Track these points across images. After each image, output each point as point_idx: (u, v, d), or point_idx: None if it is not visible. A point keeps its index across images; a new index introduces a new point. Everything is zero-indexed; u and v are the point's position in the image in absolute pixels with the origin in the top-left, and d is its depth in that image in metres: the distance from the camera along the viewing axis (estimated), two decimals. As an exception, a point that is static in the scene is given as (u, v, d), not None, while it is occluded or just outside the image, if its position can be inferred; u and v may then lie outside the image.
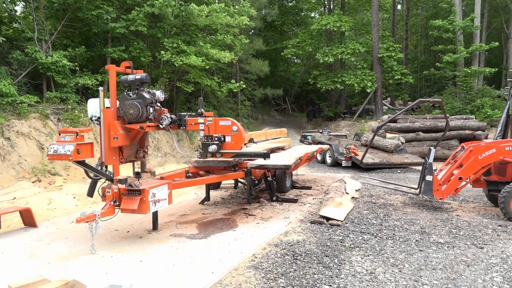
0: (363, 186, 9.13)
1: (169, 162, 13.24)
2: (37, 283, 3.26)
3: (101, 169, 5.48)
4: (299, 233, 5.50)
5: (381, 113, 22.67)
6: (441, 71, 23.47)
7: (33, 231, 5.91)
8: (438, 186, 6.57)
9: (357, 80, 23.16)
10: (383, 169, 11.97)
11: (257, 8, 21.74)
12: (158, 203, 5.28)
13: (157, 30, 13.95)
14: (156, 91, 5.73)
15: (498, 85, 25.04)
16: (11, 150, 9.36)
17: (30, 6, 12.13)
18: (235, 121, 5.91)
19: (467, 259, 4.51)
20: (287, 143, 9.80)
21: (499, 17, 27.51)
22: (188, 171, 7.00)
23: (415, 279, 3.96)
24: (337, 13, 24.75)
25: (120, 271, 4.27)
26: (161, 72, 15.08)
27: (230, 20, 15.08)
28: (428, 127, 15.06)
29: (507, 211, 6.10)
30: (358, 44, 23.69)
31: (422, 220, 6.16)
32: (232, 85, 17.24)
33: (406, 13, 31.15)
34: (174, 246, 5.05)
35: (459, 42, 22.24)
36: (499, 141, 7.01)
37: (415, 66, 36.08)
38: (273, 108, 32.37)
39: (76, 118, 11.14)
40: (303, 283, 3.88)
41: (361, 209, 6.86)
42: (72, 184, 9.40)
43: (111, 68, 5.57)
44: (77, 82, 12.05)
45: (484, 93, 20.50)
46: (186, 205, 7.53)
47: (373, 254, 4.67)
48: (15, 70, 11.34)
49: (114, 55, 12.89)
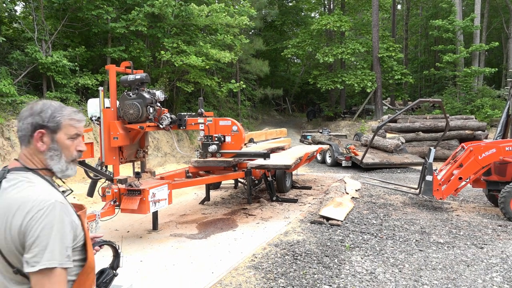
0: (363, 186, 9.12)
1: (169, 162, 13.23)
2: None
3: (101, 169, 5.48)
4: (299, 233, 5.50)
5: (381, 113, 22.67)
6: (441, 71, 23.47)
7: (33, 231, 5.90)
8: (438, 186, 6.57)
9: (357, 80, 23.16)
10: (383, 169, 11.97)
11: (257, 8, 21.74)
12: (158, 203, 5.28)
13: (157, 30, 13.94)
14: (156, 91, 5.73)
15: (498, 85, 25.04)
16: (11, 150, 9.36)
17: (30, 6, 12.13)
18: (235, 121, 5.91)
19: (467, 259, 4.51)
20: (287, 143, 9.80)
21: (499, 17, 27.50)
22: (188, 171, 7.00)
23: (415, 279, 3.96)
24: (337, 13, 24.75)
25: (120, 271, 4.27)
26: (161, 72, 15.08)
27: (230, 20, 15.07)
28: (428, 127, 15.06)
29: (507, 211, 6.10)
30: (358, 44, 23.68)
31: (422, 220, 6.16)
32: (232, 85, 17.24)
33: (406, 13, 31.15)
34: (174, 246, 5.05)
35: (459, 42, 22.24)
36: (499, 141, 7.01)
37: (415, 66, 36.08)
38: (273, 108, 32.36)
39: (76, 118, 11.13)
40: (303, 283, 3.88)
41: (361, 209, 6.86)
42: (72, 184, 9.40)
43: (111, 68, 5.57)
44: (77, 82, 12.04)
45: (484, 93, 20.50)
46: (186, 205, 7.53)
47: (373, 254, 4.67)
48: (15, 70, 11.33)
49: (114, 55, 12.89)
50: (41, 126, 1.41)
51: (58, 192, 1.41)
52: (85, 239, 1.45)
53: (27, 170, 1.41)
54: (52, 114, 1.43)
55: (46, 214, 1.28)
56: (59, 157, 1.45)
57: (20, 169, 1.41)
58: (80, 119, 1.49)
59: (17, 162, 1.44)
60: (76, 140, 1.49)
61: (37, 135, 1.41)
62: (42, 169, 1.44)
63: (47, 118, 1.42)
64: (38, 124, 1.41)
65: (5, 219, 1.30)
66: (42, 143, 1.42)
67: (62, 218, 1.31)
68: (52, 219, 1.29)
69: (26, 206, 1.29)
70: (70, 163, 1.48)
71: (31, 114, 1.43)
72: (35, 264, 1.25)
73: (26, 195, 1.32)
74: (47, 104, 1.46)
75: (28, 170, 1.41)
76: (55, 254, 1.27)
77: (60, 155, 1.45)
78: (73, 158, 1.49)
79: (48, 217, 1.28)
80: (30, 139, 1.43)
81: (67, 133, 1.45)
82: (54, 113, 1.44)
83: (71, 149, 1.47)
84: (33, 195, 1.31)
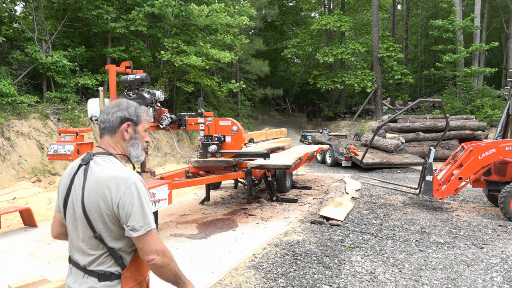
0: (363, 186, 9.12)
1: (169, 162, 13.23)
2: (37, 283, 3.25)
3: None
4: (299, 233, 5.50)
5: (381, 113, 22.67)
6: (441, 71, 23.47)
7: (33, 231, 5.90)
8: (438, 186, 6.56)
9: (357, 80, 23.16)
10: (383, 169, 11.98)
11: (257, 8, 21.74)
12: (158, 203, 5.28)
13: (157, 30, 13.95)
14: (156, 91, 5.73)
15: (498, 85, 25.03)
16: (11, 150, 9.36)
17: (30, 6, 12.14)
18: (235, 121, 5.91)
19: (467, 259, 4.51)
20: (287, 143, 9.80)
21: (499, 17, 27.50)
22: (188, 171, 7.00)
23: (415, 279, 3.96)
24: (337, 13, 24.76)
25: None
26: (161, 72, 15.09)
27: (230, 20, 15.07)
28: (428, 127, 15.06)
29: (507, 211, 6.10)
30: (358, 44, 23.69)
31: (422, 220, 6.16)
32: (232, 85, 17.25)
33: (406, 13, 31.15)
34: (174, 246, 5.04)
35: (459, 42, 22.24)
36: (499, 141, 7.01)
37: (415, 66, 36.09)
38: (273, 108, 32.37)
39: (76, 118, 11.14)
40: (303, 283, 3.88)
41: (361, 209, 6.86)
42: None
43: (111, 68, 5.57)
44: (77, 82, 12.05)
45: (484, 93, 20.49)
46: (186, 205, 7.53)
47: (373, 254, 4.67)
48: (15, 70, 11.34)
49: (114, 55, 12.89)
50: (128, 119, 1.74)
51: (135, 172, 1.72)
52: None
53: (110, 155, 1.71)
54: (136, 110, 1.77)
55: (135, 189, 1.60)
56: (137, 145, 1.78)
57: (104, 154, 1.71)
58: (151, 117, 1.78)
59: (100, 148, 1.74)
60: (147, 133, 1.84)
61: (124, 126, 1.73)
62: (121, 154, 1.75)
63: (132, 113, 1.75)
64: (125, 118, 1.74)
65: (100, 192, 1.60)
66: (127, 133, 1.75)
67: (144, 190, 1.65)
68: (140, 192, 1.61)
69: (118, 182, 1.60)
70: (142, 151, 1.82)
71: (120, 109, 1.74)
72: (140, 228, 1.58)
73: (115, 173, 1.62)
74: (129, 102, 1.79)
75: (110, 154, 1.72)
76: (150, 218, 1.62)
77: (138, 143, 1.79)
78: (144, 147, 1.83)
79: (138, 191, 1.61)
80: (117, 129, 1.74)
81: (144, 126, 1.80)
82: (136, 109, 1.78)
83: (144, 139, 1.82)
84: (121, 173, 1.62)
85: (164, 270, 1.66)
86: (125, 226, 1.59)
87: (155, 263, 1.63)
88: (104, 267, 1.64)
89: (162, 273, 1.67)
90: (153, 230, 1.63)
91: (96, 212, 1.60)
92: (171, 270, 1.69)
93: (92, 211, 1.60)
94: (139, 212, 1.59)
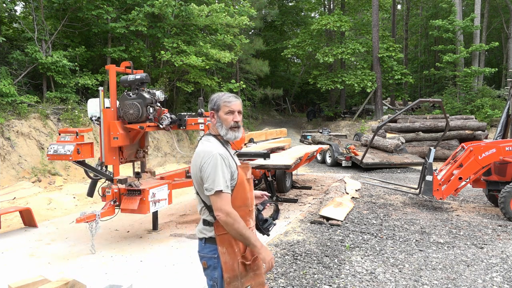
0: (363, 186, 9.12)
1: (169, 162, 13.23)
2: (37, 283, 3.25)
3: (101, 169, 5.48)
4: (299, 233, 5.50)
5: (381, 113, 22.66)
6: (441, 71, 23.46)
7: (33, 231, 5.91)
8: (438, 186, 6.56)
9: (357, 80, 23.15)
10: (383, 169, 11.98)
11: (257, 8, 21.73)
12: (158, 203, 5.28)
13: (157, 30, 13.94)
14: (156, 91, 5.73)
15: (498, 85, 25.02)
16: (11, 150, 9.36)
17: (30, 6, 12.13)
18: (235, 121, 5.90)
19: (467, 259, 4.51)
20: (287, 143, 9.80)
21: (499, 17, 27.50)
22: (188, 171, 7.00)
23: (415, 279, 3.96)
24: (337, 13, 24.74)
25: (120, 271, 4.27)
26: (161, 72, 15.08)
27: (230, 20, 15.07)
28: (428, 127, 15.06)
29: (507, 211, 6.10)
30: (358, 44, 23.67)
31: (422, 220, 6.16)
32: (232, 85, 17.24)
33: (406, 13, 31.15)
34: (174, 246, 5.05)
35: (459, 42, 22.23)
36: (499, 141, 7.01)
37: (415, 66, 36.07)
38: (273, 108, 32.35)
39: (76, 118, 11.14)
40: (303, 283, 3.88)
41: (361, 209, 6.86)
42: (72, 184, 9.40)
43: (111, 68, 5.57)
44: (77, 82, 12.04)
45: (484, 93, 20.48)
46: (186, 205, 7.53)
47: (373, 254, 4.67)
48: (15, 70, 11.33)
49: (114, 55, 12.89)
50: (212, 109, 2.30)
51: (222, 148, 2.21)
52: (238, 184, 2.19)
53: (210, 135, 2.30)
54: (215, 101, 2.29)
55: (211, 159, 2.10)
56: (221, 126, 2.26)
57: (208, 135, 2.32)
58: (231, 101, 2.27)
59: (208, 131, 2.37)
60: (232, 115, 2.26)
61: (210, 114, 2.31)
62: (217, 135, 2.29)
63: (213, 104, 2.29)
64: (211, 108, 2.31)
65: (196, 161, 2.17)
66: (213, 119, 2.29)
67: (221, 162, 2.11)
68: (215, 162, 2.09)
69: (204, 155, 2.14)
70: (229, 130, 2.26)
71: (209, 102, 2.32)
72: (211, 189, 2.08)
73: (204, 148, 2.18)
74: (217, 95, 2.32)
75: (210, 135, 2.30)
76: (220, 183, 2.07)
77: (222, 125, 2.26)
78: (230, 126, 2.26)
79: (213, 161, 2.10)
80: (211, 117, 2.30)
81: (224, 111, 2.26)
82: (216, 100, 2.29)
83: (228, 121, 2.25)
84: (206, 149, 2.17)
85: (229, 228, 2.08)
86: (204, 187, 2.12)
87: (220, 219, 2.08)
88: (205, 216, 2.21)
89: (229, 230, 2.10)
90: (221, 192, 2.07)
91: (194, 176, 2.21)
92: (235, 229, 2.07)
93: (193, 175, 2.22)
94: (211, 177, 2.07)
